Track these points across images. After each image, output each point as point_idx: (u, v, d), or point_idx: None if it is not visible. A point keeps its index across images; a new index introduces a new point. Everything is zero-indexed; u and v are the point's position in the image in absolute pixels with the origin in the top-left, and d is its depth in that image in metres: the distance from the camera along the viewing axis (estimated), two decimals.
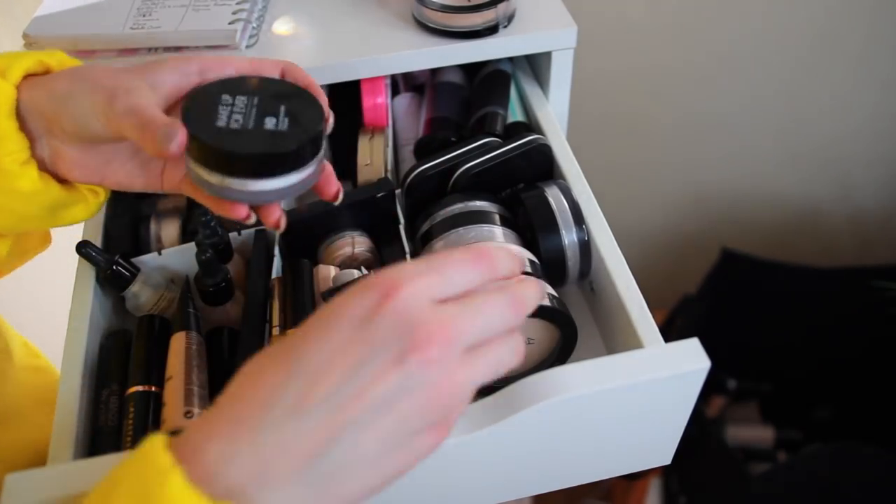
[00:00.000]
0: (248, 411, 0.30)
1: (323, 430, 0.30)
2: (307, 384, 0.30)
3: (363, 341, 0.30)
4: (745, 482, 1.09)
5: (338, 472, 0.30)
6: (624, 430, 0.46)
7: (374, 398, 0.30)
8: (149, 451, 0.30)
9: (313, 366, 0.30)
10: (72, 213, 0.48)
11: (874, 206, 1.43)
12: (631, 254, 0.52)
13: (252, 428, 0.30)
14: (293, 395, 0.30)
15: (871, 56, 1.22)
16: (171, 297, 0.55)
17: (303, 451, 0.29)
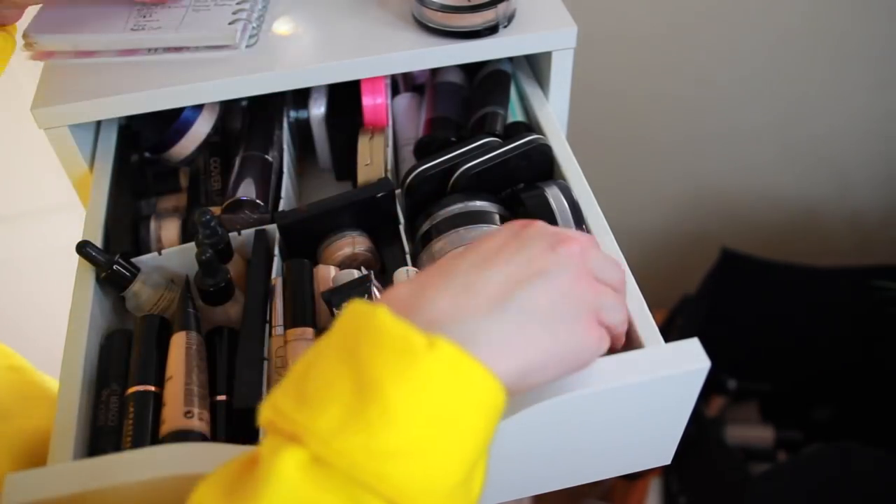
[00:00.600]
0: (437, 275, 0.35)
1: (504, 280, 0.35)
2: (487, 254, 0.36)
3: (519, 242, 0.37)
4: (745, 482, 1.09)
5: (523, 321, 0.34)
6: (624, 430, 0.46)
7: (537, 269, 0.35)
8: (350, 307, 0.33)
9: (493, 245, 0.36)
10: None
11: (874, 205, 1.43)
12: (631, 254, 0.52)
13: (443, 282, 0.34)
14: (473, 260, 0.35)
15: (871, 55, 1.22)
16: (171, 297, 0.55)
17: (488, 293, 0.34)
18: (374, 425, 0.29)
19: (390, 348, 0.30)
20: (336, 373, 0.31)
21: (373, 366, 0.30)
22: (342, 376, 0.30)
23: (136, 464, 0.39)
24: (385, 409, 0.29)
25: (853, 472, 1.08)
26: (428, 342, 0.30)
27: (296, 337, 0.49)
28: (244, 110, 0.69)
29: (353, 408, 0.29)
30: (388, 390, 0.29)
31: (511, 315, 0.34)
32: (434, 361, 0.30)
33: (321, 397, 0.30)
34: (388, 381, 0.30)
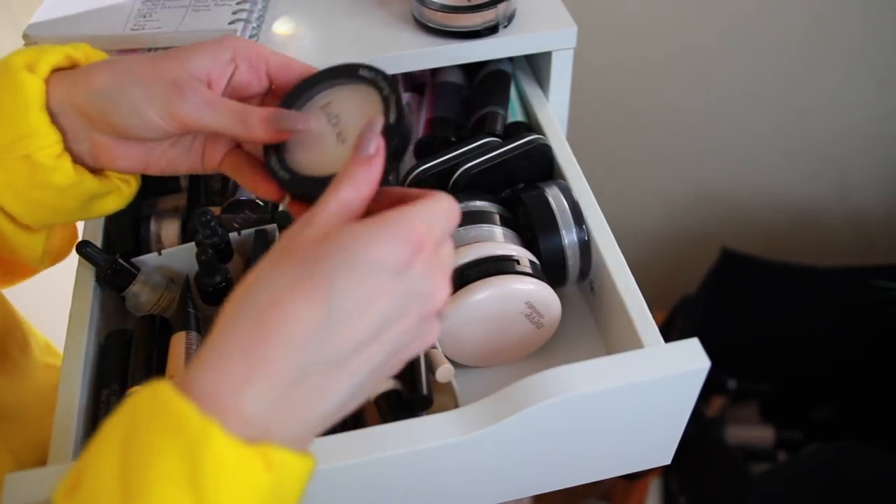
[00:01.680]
0: (278, 353, 0.30)
1: (351, 377, 0.32)
2: (342, 330, 0.31)
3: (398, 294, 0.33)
4: (745, 482, 1.09)
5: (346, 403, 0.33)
6: (624, 430, 0.46)
7: (393, 344, 0.33)
8: (168, 406, 0.29)
9: (348, 310, 0.31)
10: (104, 203, 0.49)
11: (874, 205, 1.43)
12: (631, 254, 0.52)
13: (288, 372, 0.30)
14: (327, 341, 0.31)
15: (872, 55, 1.22)
16: (171, 297, 0.55)
17: (332, 396, 0.32)
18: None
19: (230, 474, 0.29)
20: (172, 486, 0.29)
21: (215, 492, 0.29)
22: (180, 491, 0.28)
23: None
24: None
25: (853, 472, 1.08)
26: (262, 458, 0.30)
27: None
28: None
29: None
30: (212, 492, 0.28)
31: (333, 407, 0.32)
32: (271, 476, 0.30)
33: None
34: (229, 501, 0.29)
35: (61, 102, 0.44)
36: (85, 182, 0.46)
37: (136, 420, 0.30)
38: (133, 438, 0.29)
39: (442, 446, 0.40)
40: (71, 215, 0.48)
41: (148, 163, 0.47)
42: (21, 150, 0.43)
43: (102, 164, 0.46)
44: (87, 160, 0.46)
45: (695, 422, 0.51)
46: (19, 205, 0.46)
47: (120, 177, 0.49)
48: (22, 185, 0.44)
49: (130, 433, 0.30)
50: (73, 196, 0.46)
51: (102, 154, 0.46)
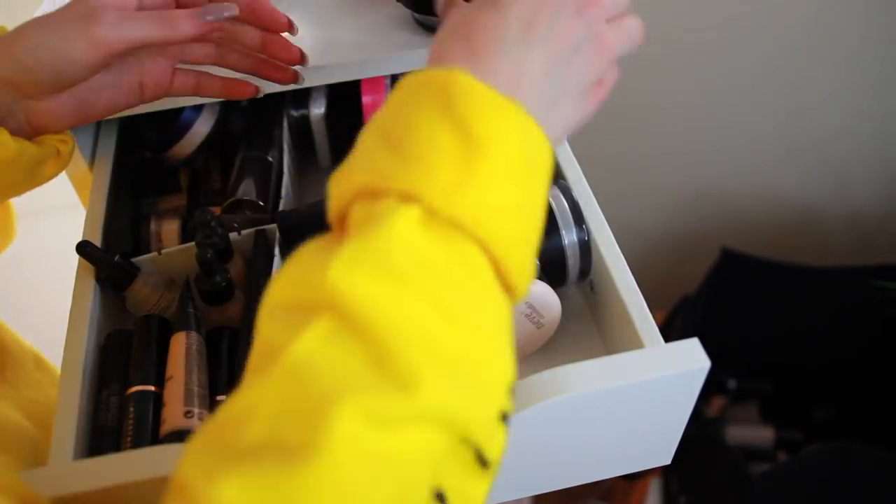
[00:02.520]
0: (483, 45, 0.34)
1: (545, 58, 0.34)
2: (526, 23, 0.34)
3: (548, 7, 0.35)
4: (745, 482, 1.09)
5: (556, 98, 0.35)
6: (624, 430, 0.46)
7: (570, 40, 0.35)
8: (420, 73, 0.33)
9: (522, 12, 0.35)
10: (46, 169, 0.49)
11: (874, 205, 1.43)
12: (631, 254, 0.52)
13: (496, 53, 0.34)
14: (516, 31, 0.34)
15: (871, 55, 1.22)
16: (171, 297, 0.55)
17: (536, 70, 0.34)
18: (489, 181, 0.30)
19: (487, 107, 0.31)
20: (438, 129, 0.30)
21: (475, 123, 0.30)
22: (445, 133, 0.30)
23: (136, 464, 0.39)
24: (495, 165, 0.30)
25: (853, 472, 1.08)
26: (514, 106, 0.31)
27: None
28: (244, 110, 0.69)
29: (466, 164, 0.30)
30: (493, 147, 0.30)
31: (553, 92, 0.35)
32: (520, 122, 0.31)
33: (430, 155, 0.30)
34: (493, 139, 0.30)
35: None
36: (27, 150, 0.46)
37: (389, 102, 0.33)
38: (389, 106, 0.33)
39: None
40: (17, 188, 0.49)
41: (86, 111, 0.48)
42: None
43: (43, 126, 0.47)
44: (26, 130, 0.47)
45: (695, 422, 0.51)
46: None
47: (57, 138, 0.50)
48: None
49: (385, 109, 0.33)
50: (17, 168, 0.47)
51: (41, 119, 0.47)
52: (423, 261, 0.29)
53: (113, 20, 0.43)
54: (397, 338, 0.27)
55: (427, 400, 0.27)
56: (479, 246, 0.30)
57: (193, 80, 0.54)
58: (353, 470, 0.25)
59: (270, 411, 0.26)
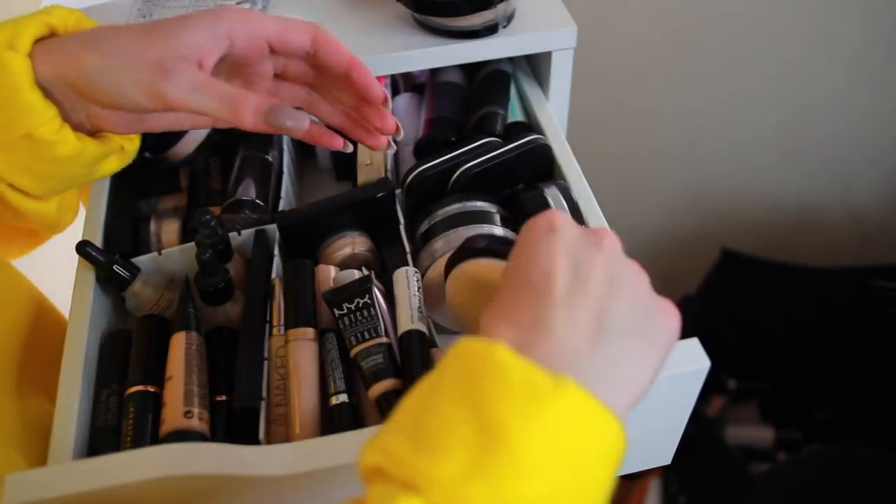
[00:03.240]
0: (529, 315, 0.32)
1: (592, 306, 0.32)
2: (568, 291, 0.33)
3: (571, 256, 0.34)
4: (745, 482, 1.09)
5: (620, 341, 0.32)
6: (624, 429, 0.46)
7: (604, 280, 0.34)
8: (464, 344, 0.31)
9: (555, 282, 0.33)
10: (109, 163, 0.49)
11: (874, 205, 1.43)
12: (631, 254, 0.52)
13: (543, 321, 0.32)
14: (561, 299, 0.32)
15: (871, 55, 1.22)
16: (171, 297, 0.55)
17: (586, 323, 0.32)
18: (502, 473, 0.27)
19: (515, 390, 0.28)
20: (456, 416, 0.28)
21: (497, 408, 0.28)
22: (463, 419, 0.28)
23: (136, 464, 0.39)
24: (513, 455, 0.27)
25: (853, 472, 1.08)
26: (554, 383, 0.29)
27: (297, 337, 0.48)
28: None
29: (478, 454, 0.27)
30: (514, 435, 0.27)
31: (612, 341, 0.32)
32: (563, 404, 0.28)
33: (442, 443, 0.28)
34: (516, 426, 0.27)
35: (50, 77, 0.44)
36: (88, 148, 0.46)
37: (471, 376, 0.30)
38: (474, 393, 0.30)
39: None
40: (79, 180, 0.49)
41: (147, 125, 0.48)
42: (20, 129, 0.43)
43: (102, 129, 0.47)
44: (87, 127, 0.47)
45: (695, 422, 0.51)
46: (29, 179, 0.46)
47: (121, 136, 0.49)
48: (28, 162, 0.45)
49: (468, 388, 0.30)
50: (78, 163, 0.46)
51: (100, 121, 0.46)
52: None
53: (183, 84, 0.42)
54: None
55: None
56: None
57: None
58: None
59: None
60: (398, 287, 0.50)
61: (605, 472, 0.29)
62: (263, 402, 0.45)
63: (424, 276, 0.53)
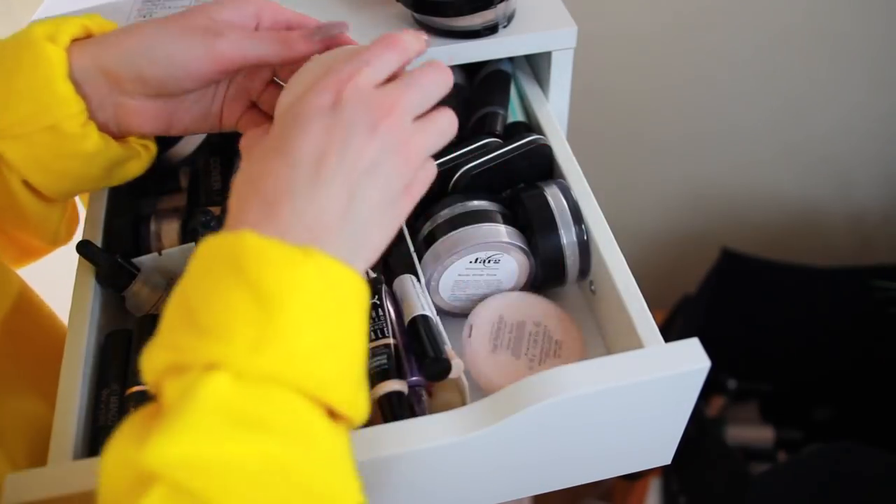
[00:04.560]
0: (274, 196, 0.34)
1: (344, 191, 0.35)
2: (314, 163, 0.35)
3: (339, 124, 0.36)
4: (745, 482, 1.09)
5: (362, 225, 0.36)
6: (624, 430, 0.46)
7: (367, 161, 0.36)
8: (208, 241, 0.33)
9: (310, 150, 0.35)
10: (126, 169, 0.50)
11: (874, 205, 1.43)
12: (631, 254, 0.52)
13: (289, 202, 0.34)
14: (306, 175, 0.35)
15: (871, 54, 1.22)
16: None
17: (335, 208, 0.35)
18: (288, 334, 0.30)
19: (275, 262, 0.31)
20: (232, 295, 0.31)
21: (266, 281, 0.31)
22: (239, 297, 0.31)
23: None
24: (292, 316, 0.31)
25: (853, 472, 1.08)
26: (303, 252, 0.32)
27: None
28: None
29: (263, 323, 0.30)
30: (287, 300, 0.31)
31: (360, 219, 0.35)
32: (316, 267, 0.32)
33: (226, 322, 0.31)
34: (286, 292, 0.31)
35: (85, 70, 0.45)
36: (110, 148, 0.47)
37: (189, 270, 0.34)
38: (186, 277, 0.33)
39: (442, 446, 0.40)
40: (94, 183, 0.49)
41: (171, 123, 0.49)
42: (47, 120, 0.44)
43: (128, 127, 0.48)
44: (111, 127, 0.47)
45: (695, 422, 0.51)
46: (44, 176, 0.46)
47: (139, 142, 0.50)
48: (48, 156, 0.45)
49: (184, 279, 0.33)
50: (97, 164, 0.47)
51: (129, 118, 0.47)
52: (241, 417, 0.29)
53: (235, 37, 0.44)
54: (231, 499, 0.28)
55: None
56: (296, 392, 0.31)
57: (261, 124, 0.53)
58: None
59: None
60: (404, 288, 0.51)
61: (362, 318, 0.34)
62: None
63: None
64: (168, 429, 0.28)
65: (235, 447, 0.29)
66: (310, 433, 0.31)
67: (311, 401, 0.31)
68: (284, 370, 0.30)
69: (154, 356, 0.32)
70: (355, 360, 0.34)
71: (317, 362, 0.31)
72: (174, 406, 0.30)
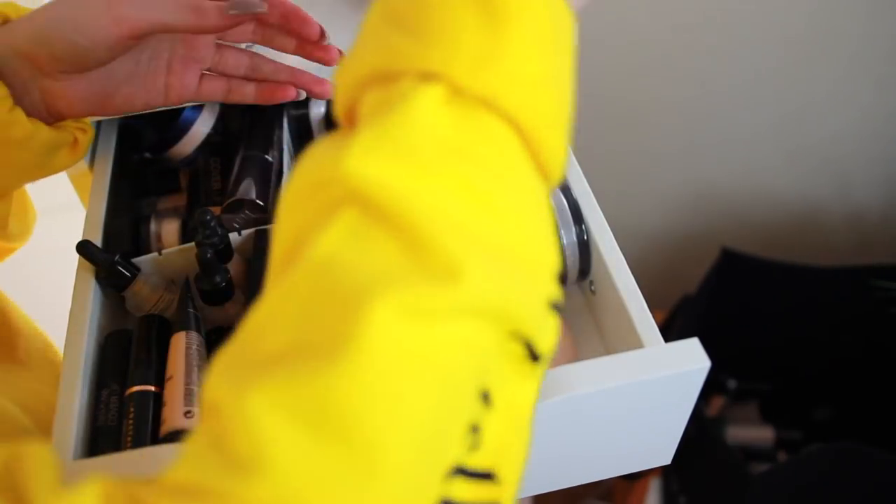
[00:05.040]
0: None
1: None
2: None
3: None
4: (745, 482, 1.09)
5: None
6: (624, 430, 0.46)
7: None
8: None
9: None
10: (62, 156, 0.49)
11: (874, 205, 1.43)
12: (631, 254, 0.52)
13: None
14: None
15: (871, 55, 1.22)
16: (171, 297, 0.55)
17: None
18: (515, 54, 0.27)
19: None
20: (457, 8, 0.27)
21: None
22: (464, 4, 0.27)
23: (136, 464, 0.39)
24: (522, 36, 0.28)
25: (853, 472, 1.08)
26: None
27: None
28: (244, 110, 0.69)
29: (489, 37, 0.27)
30: (517, 16, 0.27)
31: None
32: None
33: (450, 30, 0.27)
34: (517, 7, 0.27)
35: (3, 54, 0.43)
36: (41, 132, 0.45)
37: None
38: None
39: None
40: (31, 172, 0.48)
41: (103, 101, 0.47)
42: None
43: (57, 110, 0.46)
44: (41, 111, 0.46)
45: (695, 422, 0.51)
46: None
47: (76, 125, 0.49)
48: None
49: None
50: (31, 149, 0.46)
51: (56, 101, 0.46)
52: (451, 143, 0.26)
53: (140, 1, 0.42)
54: (432, 224, 0.24)
55: (472, 289, 0.24)
56: (511, 124, 0.27)
57: (224, 86, 0.53)
58: (393, 367, 0.23)
59: (295, 312, 0.24)
60: None
61: (572, 61, 0.32)
62: None
63: None
64: (373, 140, 0.25)
65: (441, 177, 0.25)
66: (519, 174, 0.28)
67: (524, 139, 0.28)
68: (506, 94, 0.27)
69: (358, 62, 0.28)
70: (566, 104, 0.31)
71: (538, 93, 0.28)
72: (379, 114, 0.26)
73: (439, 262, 0.24)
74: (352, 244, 0.24)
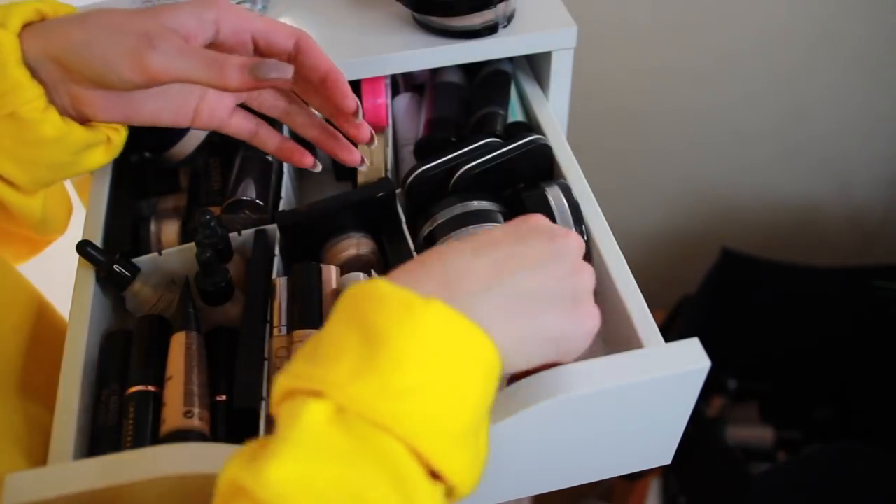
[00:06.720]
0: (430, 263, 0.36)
1: (492, 266, 0.36)
2: (478, 248, 0.37)
3: (517, 235, 0.38)
4: (745, 482, 1.09)
5: (505, 300, 0.35)
6: (624, 430, 0.46)
7: (534, 258, 0.37)
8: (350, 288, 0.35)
9: (481, 242, 0.37)
10: (95, 154, 0.49)
11: (874, 205, 1.43)
12: (631, 254, 0.52)
13: (439, 263, 0.36)
14: (469, 253, 0.36)
15: (871, 54, 1.22)
16: (171, 297, 0.55)
17: (479, 276, 0.35)
18: (385, 369, 0.31)
19: (392, 306, 0.32)
20: (344, 333, 0.32)
21: (377, 322, 0.32)
22: (350, 335, 0.32)
23: (136, 464, 0.39)
24: (393, 354, 0.31)
25: (853, 472, 1.08)
26: (425, 300, 0.32)
27: (303, 338, 0.49)
28: None
29: (364, 357, 0.31)
30: (393, 339, 0.31)
31: (497, 297, 0.35)
32: (433, 314, 0.32)
33: (334, 354, 0.32)
34: (394, 331, 0.31)
35: (37, 55, 0.43)
36: (73, 132, 0.46)
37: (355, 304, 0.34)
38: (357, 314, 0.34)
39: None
40: (65, 170, 0.48)
41: (129, 113, 0.47)
42: (5, 107, 0.43)
43: (85, 115, 0.46)
44: (70, 112, 0.46)
45: (695, 422, 0.51)
46: (13, 166, 0.46)
47: (108, 126, 0.49)
48: (11, 145, 0.44)
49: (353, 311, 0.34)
50: (63, 149, 0.46)
51: (83, 106, 0.46)
52: (330, 447, 0.29)
53: (167, 50, 0.42)
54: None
55: None
56: (388, 433, 0.30)
57: (252, 127, 0.53)
58: None
59: None
60: None
61: (478, 375, 0.33)
62: (264, 402, 0.45)
63: None
64: (271, 454, 0.29)
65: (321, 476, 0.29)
66: (396, 477, 0.30)
67: (407, 446, 0.30)
68: (377, 405, 0.30)
69: (280, 381, 0.33)
70: (462, 413, 0.32)
71: (414, 403, 0.31)
72: (281, 433, 0.30)
73: None
74: None
